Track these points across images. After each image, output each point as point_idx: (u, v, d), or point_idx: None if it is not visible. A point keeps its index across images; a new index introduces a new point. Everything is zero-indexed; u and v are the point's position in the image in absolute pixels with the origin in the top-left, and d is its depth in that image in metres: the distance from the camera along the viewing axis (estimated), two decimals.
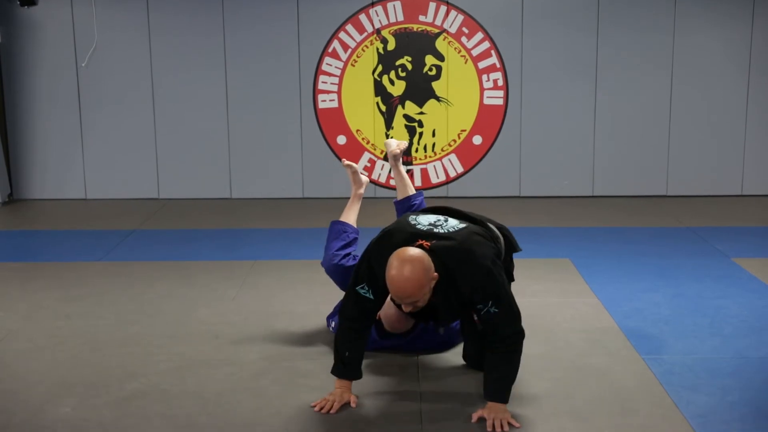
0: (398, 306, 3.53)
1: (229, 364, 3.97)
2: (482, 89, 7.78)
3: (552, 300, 4.83)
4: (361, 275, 3.47)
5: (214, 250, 6.13)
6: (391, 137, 7.34)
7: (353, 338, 3.53)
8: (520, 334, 3.41)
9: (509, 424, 3.31)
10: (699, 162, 7.88)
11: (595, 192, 7.93)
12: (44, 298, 4.98)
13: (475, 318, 3.55)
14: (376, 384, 3.71)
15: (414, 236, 3.38)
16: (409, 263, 3.21)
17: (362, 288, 3.45)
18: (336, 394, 3.51)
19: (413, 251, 3.26)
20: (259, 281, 5.29)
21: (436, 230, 3.42)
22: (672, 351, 4.10)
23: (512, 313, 3.38)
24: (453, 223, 3.49)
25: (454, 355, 4.04)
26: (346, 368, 3.54)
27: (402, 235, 3.42)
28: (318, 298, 4.83)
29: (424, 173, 7.90)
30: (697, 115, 7.81)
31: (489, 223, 3.74)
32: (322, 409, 3.45)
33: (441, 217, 3.54)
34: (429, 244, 3.33)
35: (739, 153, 7.86)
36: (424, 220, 3.50)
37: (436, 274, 3.27)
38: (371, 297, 3.45)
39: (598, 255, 5.86)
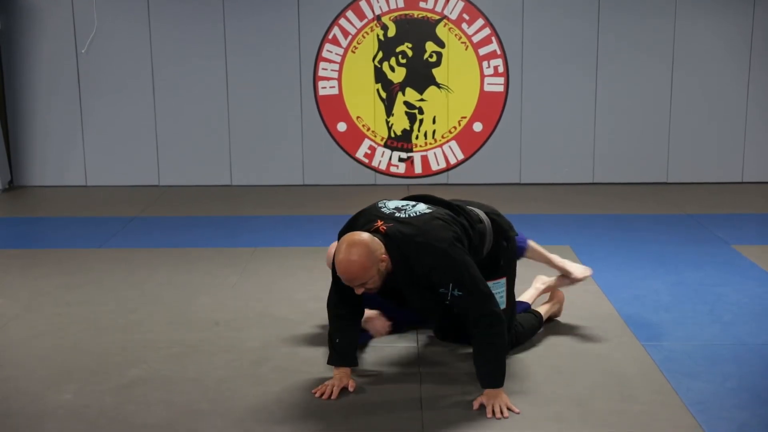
0: (395, 291, 3.53)
1: (230, 350, 3.98)
2: (483, 76, 7.77)
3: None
4: None
5: (215, 237, 6.13)
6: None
7: (342, 325, 3.58)
8: (495, 315, 3.37)
9: (509, 409, 3.32)
10: (699, 149, 7.87)
11: (595, 179, 7.92)
12: (45, 285, 4.99)
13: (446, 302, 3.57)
14: (376, 370, 3.72)
15: (375, 218, 3.44)
16: (353, 246, 3.29)
17: None
18: (335, 379, 3.53)
19: (360, 235, 3.33)
20: (259, 268, 5.29)
21: (398, 214, 3.46)
22: (672, 337, 4.11)
23: (480, 295, 3.36)
24: (419, 208, 3.52)
25: (454, 343, 4.05)
26: (339, 356, 3.57)
27: (366, 217, 3.48)
28: (318, 285, 4.83)
29: (425, 160, 7.90)
30: (698, 102, 7.80)
31: (475, 208, 3.74)
32: (322, 395, 3.46)
33: (410, 203, 3.58)
34: (385, 227, 3.37)
35: (739, 140, 7.85)
36: (391, 205, 3.55)
37: (385, 256, 3.32)
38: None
39: (598, 242, 5.86)
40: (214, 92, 7.83)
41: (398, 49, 7.72)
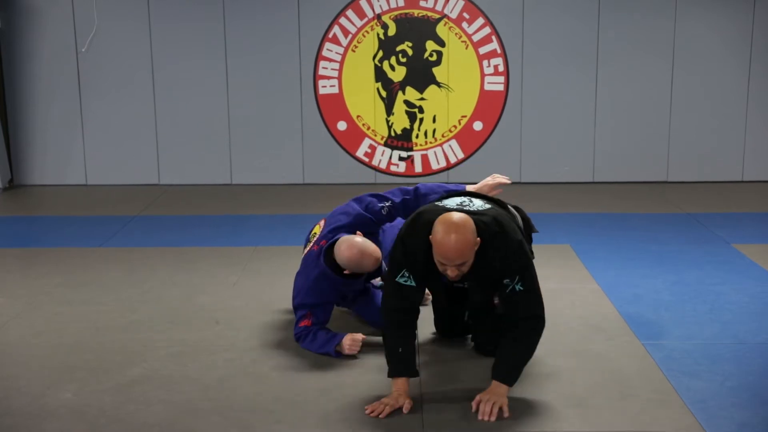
0: (441, 276, 3.40)
1: (230, 349, 3.98)
2: (483, 75, 7.76)
3: (552, 286, 4.83)
4: (398, 263, 3.42)
5: (215, 236, 6.13)
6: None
7: (404, 334, 3.45)
8: (540, 320, 3.37)
9: (500, 409, 3.27)
10: (699, 148, 7.87)
11: (595, 178, 7.92)
12: (45, 284, 4.99)
13: (496, 301, 3.55)
14: (376, 369, 3.72)
15: (446, 210, 3.35)
16: (455, 224, 3.20)
17: (402, 276, 3.40)
18: (392, 397, 3.36)
19: (457, 214, 3.25)
20: (260, 267, 5.29)
21: (465, 208, 3.40)
22: (672, 336, 4.11)
23: (536, 296, 3.36)
24: (479, 203, 3.47)
25: (455, 341, 4.05)
26: (403, 365, 3.42)
27: (433, 212, 3.38)
28: None
29: (425, 159, 7.90)
30: (698, 101, 7.80)
31: (508, 205, 3.75)
32: (372, 412, 3.31)
33: (466, 198, 3.52)
34: (463, 214, 3.30)
35: (739, 139, 7.85)
36: (451, 202, 3.47)
37: (479, 238, 3.25)
38: (413, 284, 3.41)
39: (599, 241, 5.86)
40: (214, 91, 7.82)
41: (398, 48, 7.72)
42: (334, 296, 4.01)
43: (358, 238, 3.85)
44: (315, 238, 4.09)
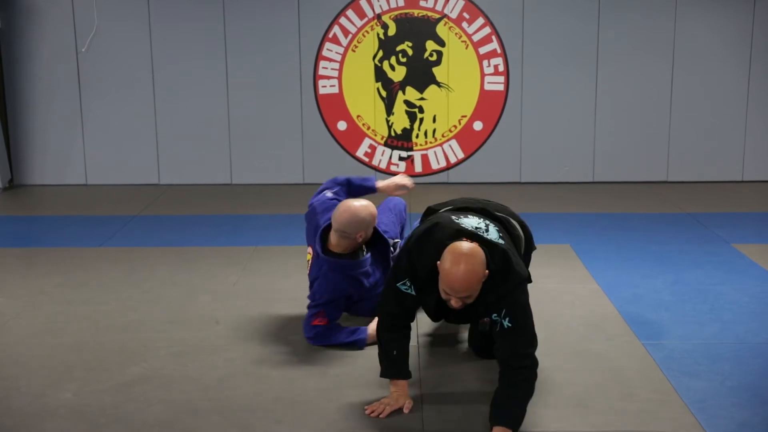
0: (444, 304, 3.37)
1: (230, 349, 3.98)
2: (483, 75, 7.77)
3: (552, 286, 4.84)
4: (401, 271, 3.40)
5: (215, 236, 6.13)
6: None
7: (398, 336, 3.45)
8: (530, 358, 3.21)
9: None
10: (699, 148, 7.87)
11: (595, 178, 7.92)
12: (45, 283, 4.99)
13: (484, 319, 3.53)
14: (376, 369, 3.72)
15: (459, 233, 3.30)
16: (465, 257, 3.14)
17: (403, 284, 3.39)
18: (392, 398, 3.38)
19: (469, 245, 3.19)
20: (259, 267, 5.29)
21: (479, 234, 3.33)
22: (672, 336, 4.11)
23: (527, 334, 3.24)
24: (494, 232, 3.39)
25: (455, 342, 4.06)
26: (396, 367, 3.43)
27: (447, 231, 3.33)
28: None
29: (425, 159, 7.90)
30: (698, 101, 7.80)
31: (513, 220, 3.71)
32: (372, 412, 3.32)
33: (482, 222, 3.43)
34: (475, 244, 3.24)
35: (739, 139, 7.85)
36: (467, 223, 3.40)
37: (487, 270, 3.20)
38: (413, 293, 3.39)
39: (598, 241, 5.86)
40: (214, 91, 7.82)
41: (398, 48, 7.72)
42: (347, 286, 4.01)
43: (348, 201, 3.99)
44: (311, 255, 4.15)
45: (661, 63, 7.73)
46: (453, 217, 3.44)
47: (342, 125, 7.86)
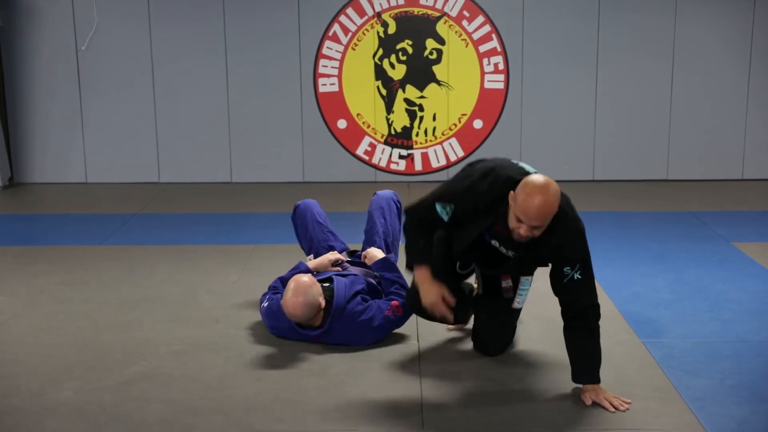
0: (479, 245, 3.51)
1: (230, 348, 3.98)
2: (483, 73, 7.76)
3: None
4: (451, 195, 3.44)
5: (215, 234, 6.13)
6: None
7: (425, 233, 3.53)
8: (597, 309, 3.42)
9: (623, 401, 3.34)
10: (699, 146, 7.87)
11: (595, 176, 7.93)
12: (45, 282, 4.99)
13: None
14: (376, 368, 3.72)
15: (524, 176, 3.33)
16: (544, 188, 3.21)
17: (443, 207, 3.43)
18: (434, 291, 3.48)
19: (547, 178, 3.26)
20: (260, 265, 5.29)
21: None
22: (672, 335, 4.11)
23: (593, 285, 3.42)
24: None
25: (455, 341, 4.05)
26: (423, 256, 3.52)
27: (515, 168, 3.40)
28: None
29: (425, 157, 7.90)
30: (698, 100, 7.80)
31: None
32: (444, 319, 3.54)
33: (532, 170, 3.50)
34: (550, 179, 3.30)
35: (739, 137, 7.85)
36: (527, 166, 3.46)
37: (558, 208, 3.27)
38: (445, 219, 3.44)
39: (598, 239, 5.84)
40: (214, 89, 7.82)
41: (398, 46, 7.72)
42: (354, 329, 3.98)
43: (285, 300, 3.90)
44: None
45: (661, 63, 7.72)
46: (513, 160, 3.54)
47: (342, 123, 7.86)
